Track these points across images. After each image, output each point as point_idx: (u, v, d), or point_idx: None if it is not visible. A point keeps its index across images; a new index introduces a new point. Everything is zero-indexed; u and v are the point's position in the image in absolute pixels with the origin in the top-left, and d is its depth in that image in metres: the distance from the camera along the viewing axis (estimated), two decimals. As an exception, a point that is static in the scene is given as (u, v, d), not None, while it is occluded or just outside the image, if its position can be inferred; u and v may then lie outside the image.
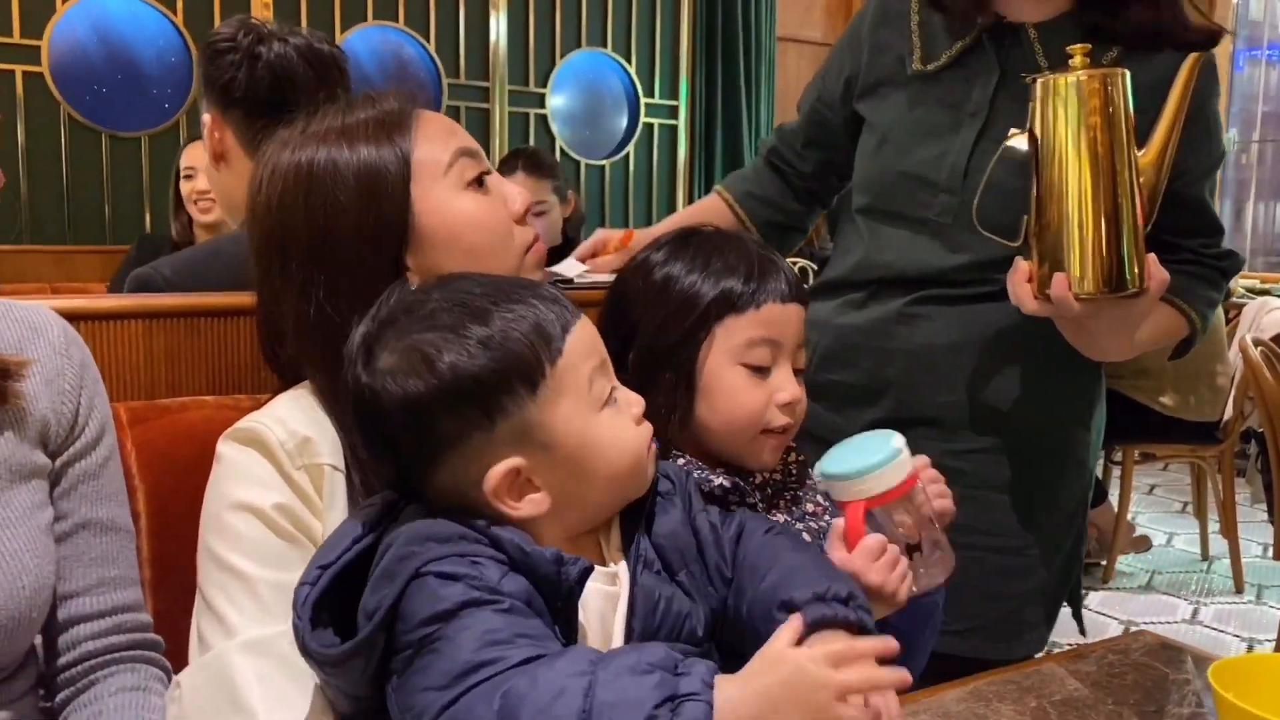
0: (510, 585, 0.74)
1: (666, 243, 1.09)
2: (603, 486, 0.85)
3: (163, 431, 1.13)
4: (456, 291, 0.83)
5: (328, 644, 0.75)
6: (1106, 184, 1.15)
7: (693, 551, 0.88)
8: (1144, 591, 3.58)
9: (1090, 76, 1.15)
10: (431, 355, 0.78)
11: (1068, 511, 1.39)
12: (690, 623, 0.84)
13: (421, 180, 0.97)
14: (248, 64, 1.49)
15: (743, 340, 1.02)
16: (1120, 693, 0.84)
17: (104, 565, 0.96)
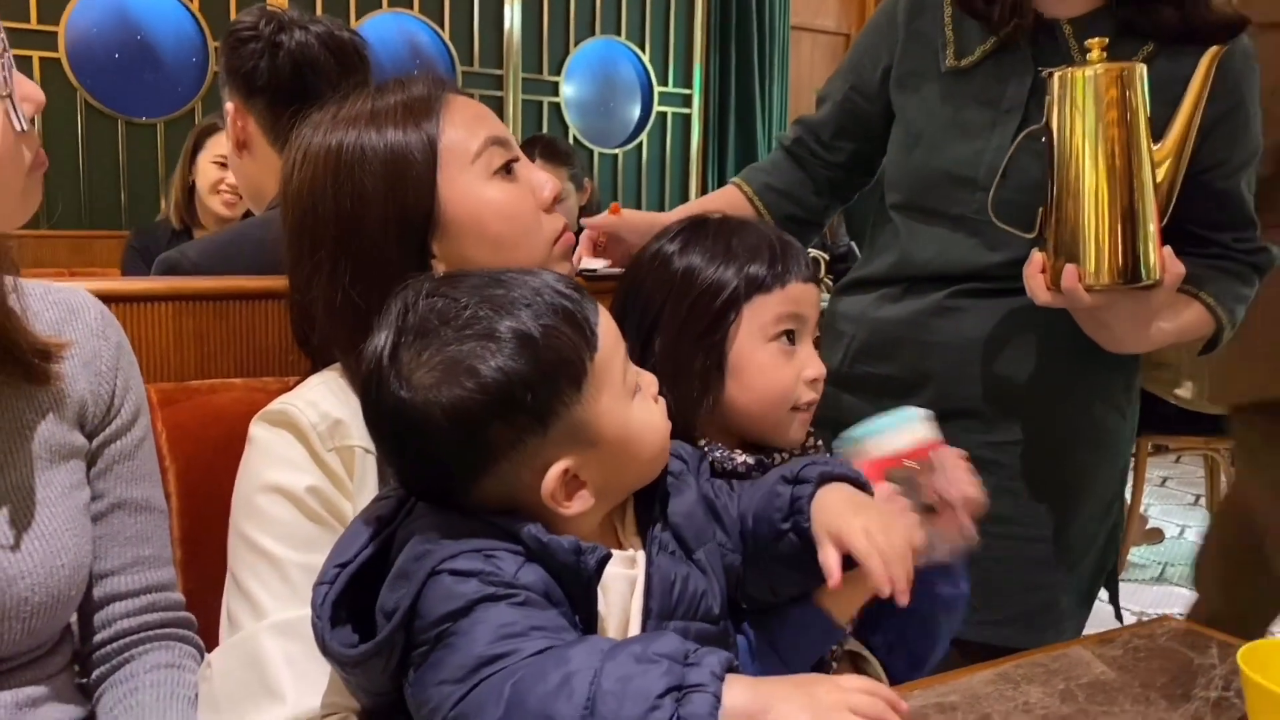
0: (527, 577, 0.74)
1: (678, 233, 1.09)
2: (636, 473, 0.86)
3: (192, 413, 1.14)
4: (483, 292, 0.80)
5: (347, 643, 0.76)
6: (1121, 177, 1.16)
7: (709, 531, 0.88)
8: (1156, 583, 3.58)
9: (1106, 71, 1.15)
10: (477, 365, 0.76)
11: (1105, 501, 1.39)
12: (707, 601, 0.85)
13: (448, 167, 0.97)
14: (270, 52, 1.50)
15: (771, 317, 1.03)
16: (1147, 676, 0.85)
17: (139, 545, 0.97)
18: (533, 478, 0.79)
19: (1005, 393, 1.34)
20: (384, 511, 0.82)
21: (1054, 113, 1.19)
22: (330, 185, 0.96)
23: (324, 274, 0.97)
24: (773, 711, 0.66)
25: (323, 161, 0.97)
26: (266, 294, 1.24)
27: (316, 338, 1.01)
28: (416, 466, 0.81)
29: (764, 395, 1.03)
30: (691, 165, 5.49)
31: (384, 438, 0.83)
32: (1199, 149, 1.23)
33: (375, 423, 0.83)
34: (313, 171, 0.98)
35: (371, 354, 0.80)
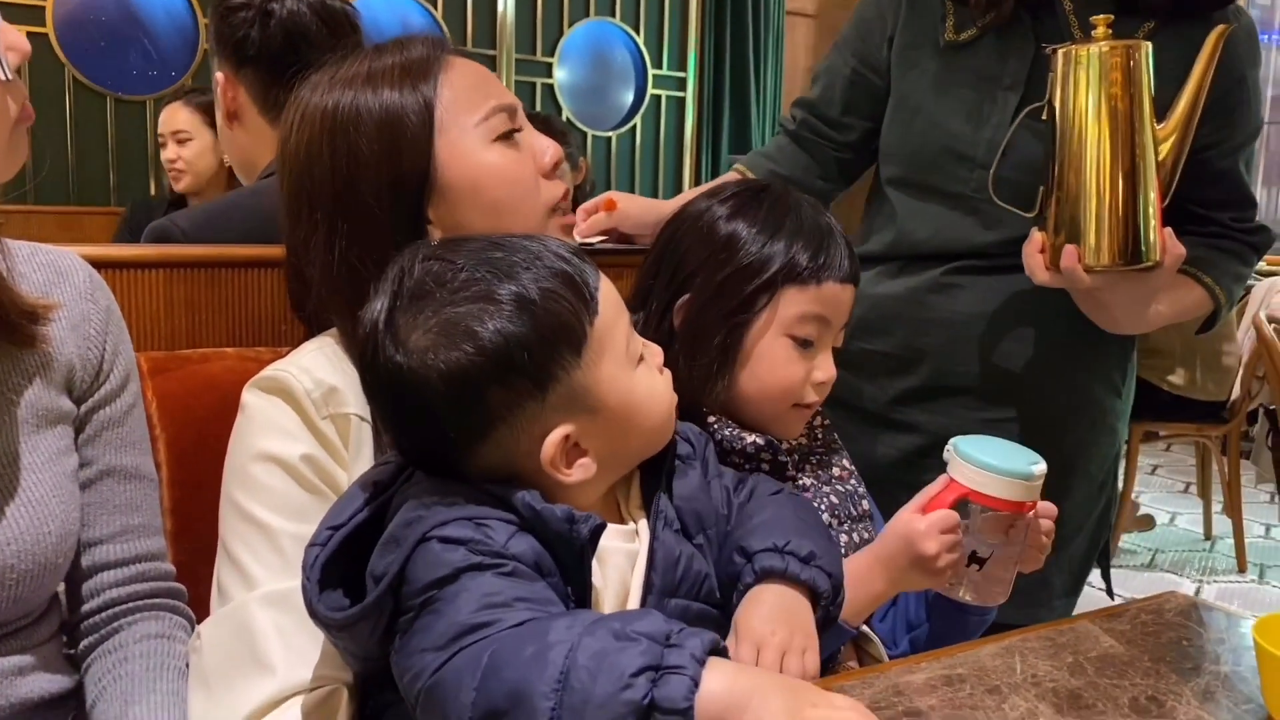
0: (517, 546, 0.73)
1: (732, 195, 1.06)
2: (640, 443, 0.84)
3: (183, 382, 1.12)
4: (478, 256, 0.79)
5: (335, 606, 0.74)
6: (1123, 156, 1.14)
7: (711, 517, 0.87)
8: (1147, 570, 3.59)
9: (1112, 48, 1.14)
10: (475, 327, 0.75)
11: (1098, 480, 1.39)
12: (710, 583, 0.84)
13: (447, 130, 0.95)
14: (260, 21, 1.48)
15: (796, 313, 1.01)
16: (1156, 650, 0.83)
17: (128, 513, 0.95)
18: (532, 445, 0.78)
19: (1001, 370, 1.33)
20: (382, 476, 0.81)
21: (1057, 90, 1.17)
22: (326, 147, 0.94)
23: (319, 237, 0.95)
24: (751, 708, 0.63)
25: (319, 123, 0.95)
26: (259, 262, 1.22)
27: (312, 303, 0.99)
28: (414, 433, 0.80)
29: (768, 388, 1.02)
30: (685, 149, 5.47)
31: (381, 404, 0.82)
32: (1199, 127, 1.21)
33: (372, 389, 0.81)
34: (309, 133, 0.96)
35: (368, 319, 0.78)
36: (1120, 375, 1.39)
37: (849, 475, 1.09)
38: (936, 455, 1.35)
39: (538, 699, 0.63)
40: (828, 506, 1.04)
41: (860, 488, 1.09)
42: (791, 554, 0.81)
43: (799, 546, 0.82)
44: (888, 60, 1.42)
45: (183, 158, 2.90)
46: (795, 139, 1.51)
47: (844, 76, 1.46)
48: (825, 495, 1.05)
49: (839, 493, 1.06)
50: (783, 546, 0.82)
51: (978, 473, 0.92)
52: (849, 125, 1.47)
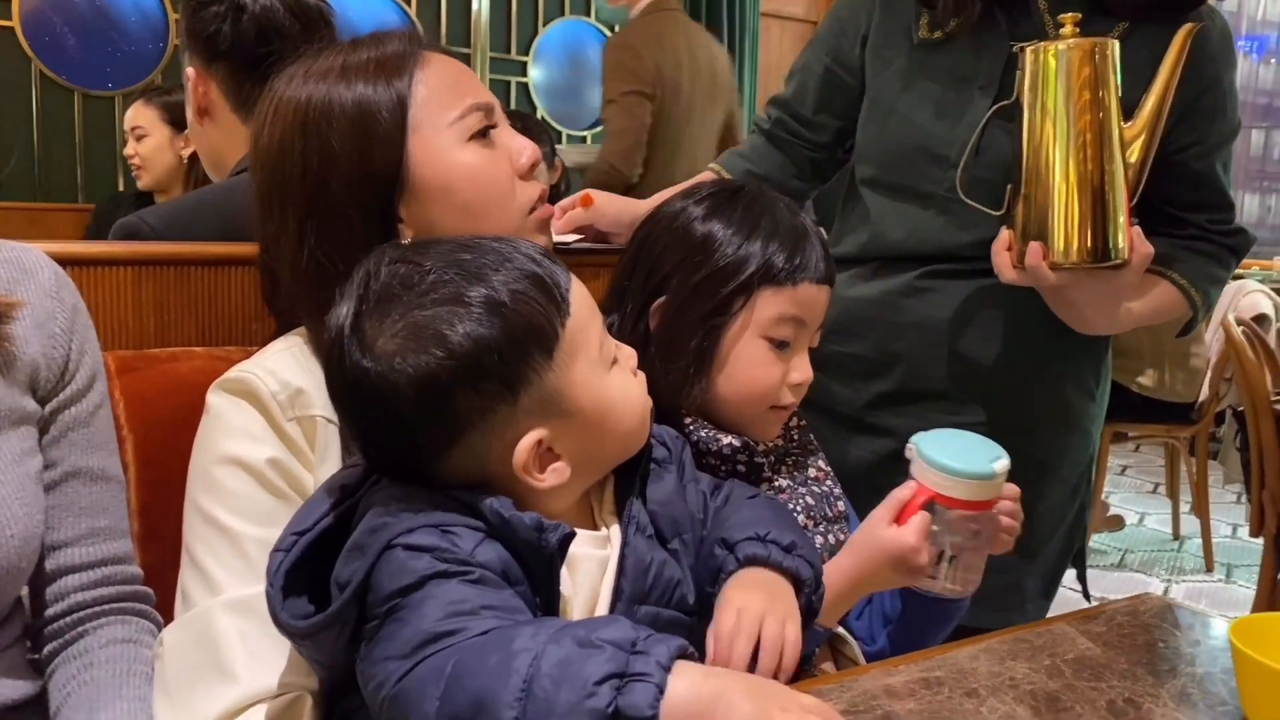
0: (485, 554, 0.72)
1: (707, 196, 1.05)
2: (614, 448, 0.83)
3: (152, 382, 1.10)
4: (446, 257, 0.77)
5: (299, 614, 0.73)
6: (1090, 154, 1.14)
7: (686, 522, 0.86)
8: (1116, 570, 3.61)
9: (1079, 45, 1.14)
10: (443, 330, 0.73)
11: (1072, 483, 1.39)
12: (682, 590, 0.83)
13: (420, 128, 0.93)
14: (233, 16, 1.46)
15: (773, 315, 1.00)
16: (1133, 652, 0.83)
17: (94, 515, 0.93)
18: (504, 449, 0.77)
19: (974, 373, 1.33)
20: (348, 480, 0.79)
21: (1025, 88, 1.18)
22: (298, 141, 0.93)
23: (289, 233, 0.94)
24: (718, 713, 0.63)
25: (291, 117, 0.94)
26: (229, 260, 1.20)
27: (281, 300, 0.98)
28: (382, 440, 0.78)
29: (744, 390, 1.01)
30: (660, 149, 5.45)
31: (347, 410, 0.80)
32: (1174, 129, 1.22)
33: (338, 395, 0.80)
34: (281, 127, 0.94)
35: (333, 324, 0.77)
36: (1094, 379, 1.39)
37: (825, 476, 1.09)
38: None
39: (501, 708, 0.62)
40: (803, 508, 1.04)
41: (836, 489, 1.09)
42: (774, 543, 0.81)
43: (780, 536, 0.82)
44: (861, 59, 1.41)
45: (139, 153, 2.88)
46: (770, 138, 1.51)
47: (818, 75, 1.46)
48: (801, 496, 1.05)
49: (815, 494, 1.06)
50: (764, 535, 0.82)
51: (941, 476, 0.93)
52: (822, 124, 1.47)
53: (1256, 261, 6.07)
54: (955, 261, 1.32)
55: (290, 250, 0.94)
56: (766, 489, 1.02)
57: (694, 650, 0.67)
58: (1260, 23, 8.21)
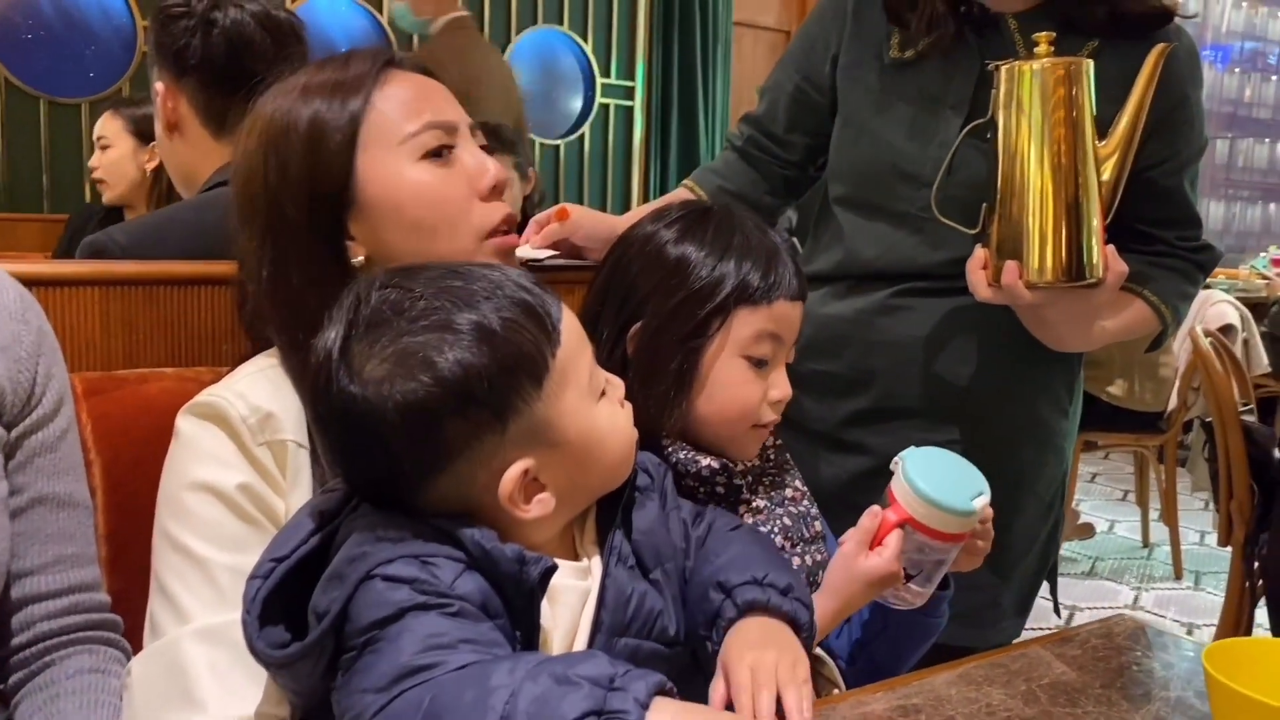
0: (465, 586, 0.71)
1: (678, 218, 1.05)
2: (600, 479, 0.83)
3: (120, 403, 1.08)
4: (437, 285, 0.77)
5: (276, 643, 0.72)
6: (1065, 173, 1.15)
7: (668, 550, 0.86)
8: (1087, 578, 3.64)
9: (1053, 65, 1.15)
10: (433, 357, 0.72)
11: (1046, 500, 1.39)
12: (663, 621, 0.82)
13: (370, 146, 0.94)
14: (203, 31, 1.44)
15: (751, 334, 1.00)
16: (1107, 676, 0.84)
17: (61, 542, 0.92)
18: (490, 479, 0.76)
19: (949, 392, 1.34)
20: (328, 505, 0.78)
21: (1000, 106, 1.18)
22: (259, 156, 0.95)
23: (254, 249, 0.95)
24: None
25: (259, 131, 0.95)
26: (200, 279, 1.19)
27: (248, 315, 0.98)
28: (366, 466, 0.77)
29: (725, 410, 1.01)
30: (634, 158, 5.47)
31: (333, 435, 0.79)
32: (1143, 146, 1.23)
33: (324, 420, 0.78)
34: (249, 142, 0.96)
35: (321, 348, 0.76)
36: (1068, 396, 1.40)
37: (802, 496, 1.09)
38: (885, 477, 1.35)
39: None
40: (780, 529, 1.03)
41: (813, 509, 1.09)
42: (772, 586, 0.80)
43: (777, 579, 0.81)
44: (831, 78, 1.42)
45: (101, 165, 2.83)
46: (742, 155, 1.51)
47: (788, 93, 1.46)
48: (779, 518, 1.05)
49: (792, 515, 1.06)
50: (762, 579, 0.81)
51: (921, 503, 0.93)
52: (793, 143, 1.47)
53: (1223, 270, 6.14)
54: (928, 280, 1.33)
55: (255, 265, 0.95)
56: (744, 510, 1.02)
57: (672, 686, 0.66)
58: (1224, 33, 8.33)
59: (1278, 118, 8.95)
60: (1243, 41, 8.68)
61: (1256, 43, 8.80)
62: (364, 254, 0.95)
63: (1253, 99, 8.89)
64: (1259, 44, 8.79)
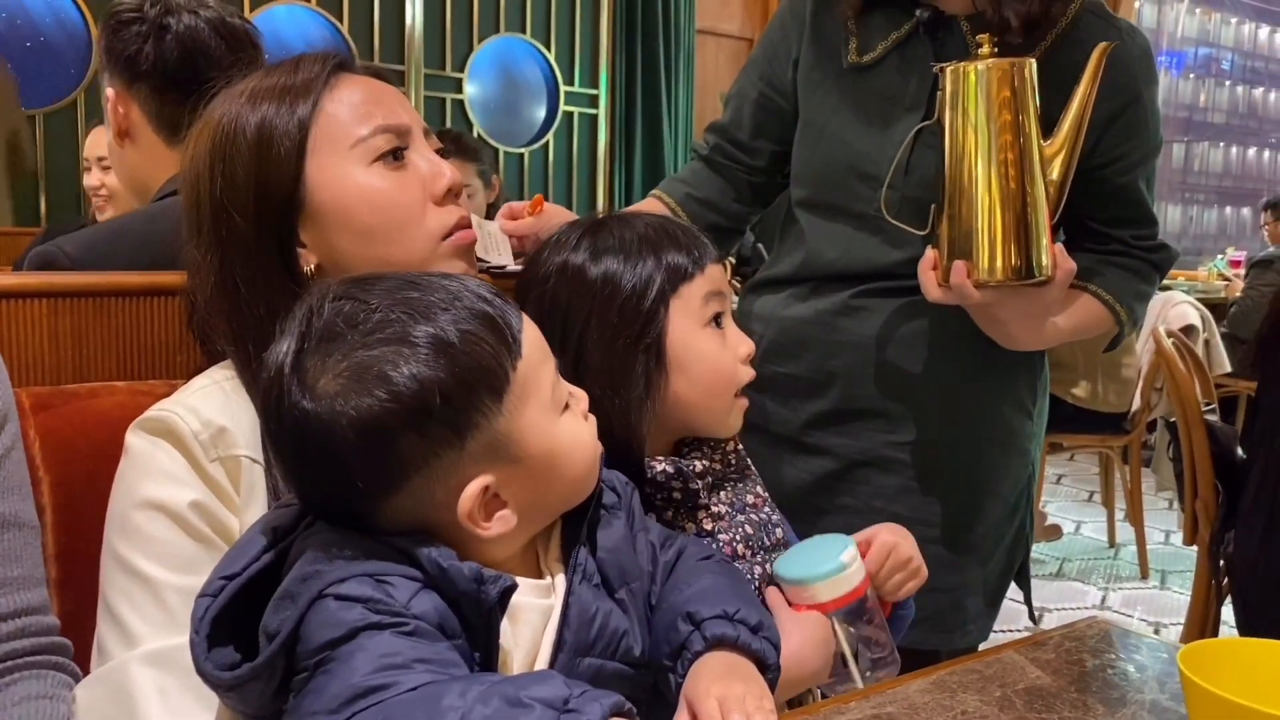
0: (420, 605, 0.69)
1: (580, 238, 1.03)
2: (563, 494, 0.80)
3: (69, 419, 1.05)
4: (393, 296, 0.74)
5: (224, 664, 0.70)
6: (1011, 172, 1.16)
7: (634, 570, 0.84)
8: (1055, 579, 3.67)
9: (995, 65, 1.15)
10: (388, 371, 0.70)
11: (1011, 502, 1.39)
12: (628, 641, 0.80)
13: (319, 151, 0.92)
14: (155, 36, 1.42)
15: (699, 301, 1.01)
16: (1082, 680, 0.83)
17: (6, 565, 0.88)
18: (448, 496, 0.73)
19: (910, 392, 1.33)
20: (282, 521, 0.76)
21: (945, 108, 1.19)
22: (206, 163, 0.93)
23: (202, 257, 0.93)
24: None
25: (206, 137, 0.94)
26: (152, 290, 1.15)
27: (198, 327, 0.96)
28: (321, 484, 0.74)
29: (711, 384, 1.01)
30: (599, 165, 5.46)
31: (284, 453, 0.76)
32: (1096, 144, 1.24)
33: (275, 437, 0.76)
34: (197, 147, 0.94)
35: (272, 362, 0.73)
36: (1030, 397, 1.40)
37: (763, 503, 1.08)
38: (848, 479, 1.36)
39: None
40: (742, 537, 1.02)
41: (774, 515, 1.08)
42: (743, 623, 0.78)
43: (748, 616, 0.79)
44: (793, 83, 1.42)
45: (107, 185, 2.75)
46: (709, 164, 1.50)
47: (752, 100, 1.46)
48: (740, 525, 1.03)
49: (753, 522, 1.04)
50: (733, 614, 0.78)
51: (804, 589, 0.94)
52: (759, 149, 1.47)
53: (1182, 272, 6.23)
54: (889, 280, 1.32)
55: (203, 274, 0.93)
56: (704, 516, 1.01)
57: (631, 707, 0.64)
58: (1179, 39, 8.46)
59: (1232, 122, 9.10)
60: (1196, 48, 8.83)
61: (1210, 49, 8.94)
62: (315, 262, 0.94)
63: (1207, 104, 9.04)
64: (1212, 50, 8.94)
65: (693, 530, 1.00)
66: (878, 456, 1.34)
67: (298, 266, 0.93)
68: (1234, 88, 9.06)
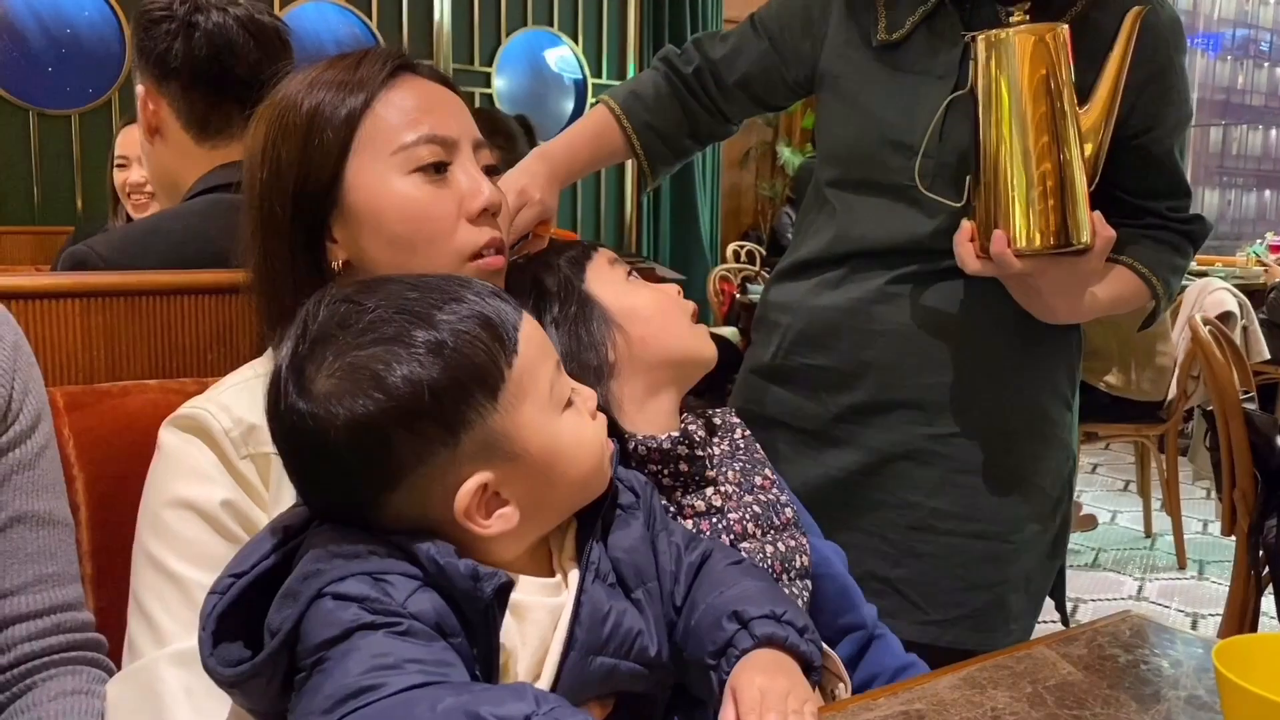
0: (418, 604, 0.69)
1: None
2: (568, 494, 0.80)
3: (103, 417, 1.06)
4: (391, 297, 0.75)
5: (229, 660, 0.70)
6: (1048, 139, 1.14)
7: (651, 570, 0.83)
8: (1090, 569, 3.63)
9: (1028, 32, 1.14)
10: (380, 371, 0.71)
11: (1052, 496, 1.36)
12: (642, 641, 0.79)
13: (362, 150, 0.92)
14: (185, 33, 1.42)
15: (616, 273, 1.04)
16: (1114, 676, 0.82)
17: (41, 561, 0.90)
18: (445, 494, 0.73)
19: (948, 382, 1.31)
20: (293, 521, 0.76)
21: (978, 76, 1.17)
22: (261, 143, 0.94)
23: (250, 236, 0.95)
24: None
25: (266, 117, 0.95)
26: (183, 289, 1.17)
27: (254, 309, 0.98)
28: (321, 484, 0.75)
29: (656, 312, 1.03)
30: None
31: (286, 454, 0.77)
32: (1129, 113, 1.22)
33: (276, 438, 0.77)
34: (259, 127, 0.95)
35: (276, 368, 0.75)
36: (1069, 387, 1.37)
37: (771, 485, 1.07)
38: (883, 473, 1.33)
39: None
40: (751, 515, 1.01)
41: (783, 496, 1.06)
42: (790, 624, 0.78)
43: (795, 618, 0.79)
44: (811, 56, 1.40)
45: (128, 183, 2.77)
46: (675, 87, 1.42)
47: (754, 51, 1.42)
48: (748, 505, 1.02)
49: (761, 502, 1.04)
50: (781, 615, 0.78)
51: None
52: (735, 97, 1.44)
53: (1219, 257, 6.14)
54: (925, 258, 1.30)
55: (250, 255, 0.95)
56: (713, 493, 1.00)
57: None
58: (1215, 20, 8.33)
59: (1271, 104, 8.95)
60: (1234, 29, 8.68)
61: (1248, 30, 8.79)
62: (344, 259, 0.94)
63: (1245, 86, 8.89)
64: (1250, 31, 8.78)
65: (701, 507, 0.99)
66: (916, 449, 1.31)
67: (325, 260, 0.93)
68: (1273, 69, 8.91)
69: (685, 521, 0.97)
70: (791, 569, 1.01)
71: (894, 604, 1.29)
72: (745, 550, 0.97)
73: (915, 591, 1.31)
